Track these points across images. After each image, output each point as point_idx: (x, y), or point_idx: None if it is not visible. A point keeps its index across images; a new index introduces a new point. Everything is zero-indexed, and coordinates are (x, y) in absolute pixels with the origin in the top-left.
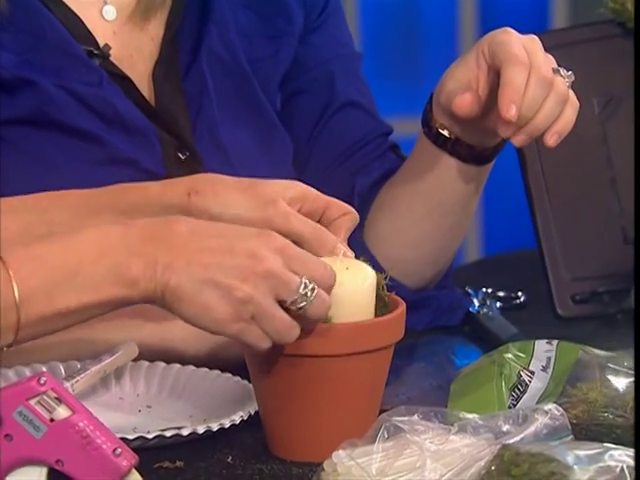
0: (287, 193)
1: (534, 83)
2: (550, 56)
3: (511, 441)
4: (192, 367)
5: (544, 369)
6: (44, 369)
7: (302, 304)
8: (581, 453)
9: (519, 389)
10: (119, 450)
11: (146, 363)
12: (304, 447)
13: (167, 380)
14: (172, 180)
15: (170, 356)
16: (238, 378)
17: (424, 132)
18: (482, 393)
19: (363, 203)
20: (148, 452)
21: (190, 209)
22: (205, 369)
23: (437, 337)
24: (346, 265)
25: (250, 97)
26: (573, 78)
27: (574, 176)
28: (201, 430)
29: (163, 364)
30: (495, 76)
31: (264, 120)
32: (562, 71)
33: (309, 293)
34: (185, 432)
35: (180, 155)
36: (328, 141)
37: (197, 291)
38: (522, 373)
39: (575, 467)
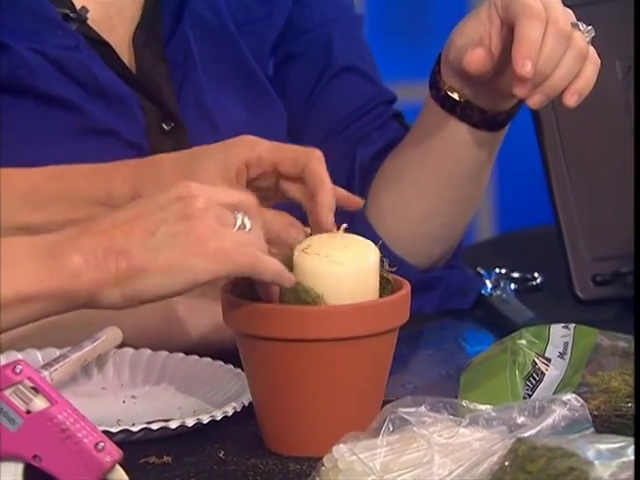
0: (229, 165)
1: (551, 37)
2: (569, 10)
3: (526, 434)
4: (181, 354)
5: (561, 355)
6: (20, 356)
7: (246, 229)
8: (602, 447)
9: (534, 378)
10: (101, 444)
11: (131, 350)
12: (302, 441)
13: (154, 368)
14: (118, 169)
15: (157, 341)
16: (231, 366)
17: (432, 95)
18: (495, 383)
19: (364, 176)
20: (133, 446)
21: None
22: (195, 356)
23: (446, 322)
24: (346, 243)
25: (238, 62)
26: (593, 33)
27: (595, 147)
28: (191, 423)
29: (149, 351)
30: (509, 32)
31: (254, 87)
32: (581, 26)
33: (246, 220)
34: (173, 425)
35: (164, 125)
36: (325, 109)
37: (153, 255)
38: (537, 361)
39: (596, 462)
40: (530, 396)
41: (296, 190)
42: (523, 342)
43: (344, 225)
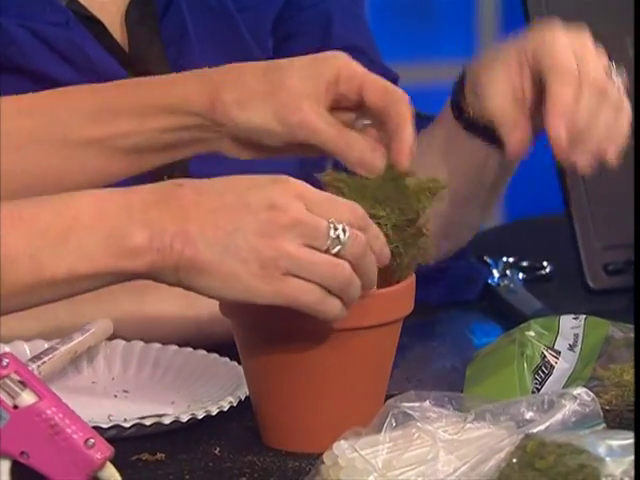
0: (321, 78)
1: (586, 96)
2: (601, 51)
3: (535, 430)
4: (175, 347)
5: (571, 348)
6: (7, 349)
7: (337, 248)
8: (614, 443)
9: (543, 371)
10: (92, 441)
11: (122, 342)
12: (301, 437)
13: (146, 361)
14: (196, 78)
15: (149, 332)
16: (227, 359)
17: (454, 115)
18: (502, 377)
19: None
20: (125, 443)
21: (214, 118)
22: (189, 349)
23: (452, 313)
24: None
25: (236, 41)
26: (624, 74)
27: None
28: (185, 418)
29: (141, 343)
30: (539, 78)
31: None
32: (613, 70)
33: (341, 235)
34: (167, 420)
35: None
36: None
37: (219, 259)
38: (546, 353)
39: (607, 459)
40: (539, 390)
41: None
42: (532, 334)
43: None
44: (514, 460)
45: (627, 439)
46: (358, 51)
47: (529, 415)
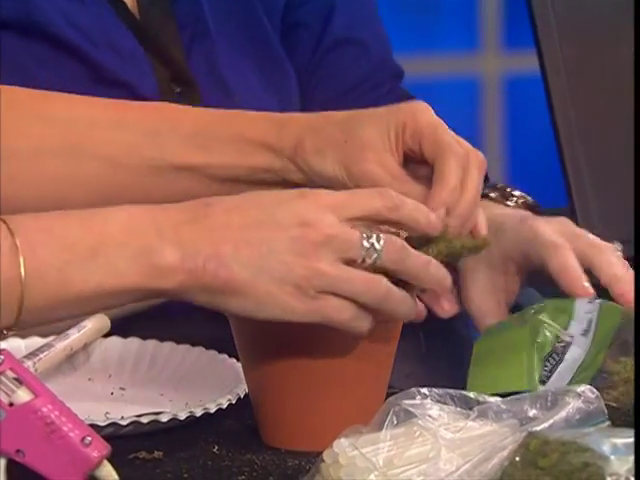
0: (391, 127)
1: (605, 258)
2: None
3: (538, 428)
4: (172, 343)
5: (585, 333)
6: (2, 345)
7: (373, 257)
8: (619, 442)
9: (554, 358)
10: (88, 439)
11: (119, 339)
12: (301, 435)
13: (143, 358)
14: (288, 118)
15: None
16: (225, 356)
17: None
18: (509, 365)
19: None
20: (122, 441)
21: (297, 163)
22: (187, 345)
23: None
24: None
25: (253, 24)
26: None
27: (610, 126)
28: (183, 416)
29: (138, 340)
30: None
31: (267, 51)
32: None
33: (375, 243)
34: (164, 418)
35: (174, 87)
36: (321, 84)
37: (253, 280)
38: (559, 337)
39: (612, 457)
40: (548, 378)
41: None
42: (545, 317)
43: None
44: (517, 458)
45: (632, 437)
46: (355, 44)
47: (532, 413)
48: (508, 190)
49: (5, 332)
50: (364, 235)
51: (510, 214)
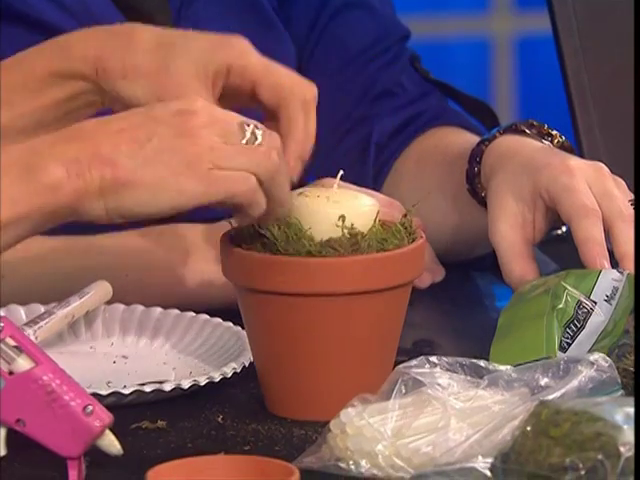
0: (210, 66)
1: (626, 231)
2: (619, 180)
3: (550, 397)
4: (176, 311)
5: (608, 300)
6: (1, 313)
7: (255, 143)
8: (632, 411)
9: (576, 325)
10: (90, 408)
11: (121, 306)
12: (307, 404)
13: (147, 326)
14: (85, 38)
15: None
16: (230, 324)
17: (467, 190)
18: (529, 332)
19: (381, 151)
20: (124, 410)
21: (100, 86)
22: (191, 313)
23: (464, 276)
24: (344, 190)
25: None
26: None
27: (622, 86)
28: (186, 385)
29: (141, 307)
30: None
31: (260, 18)
32: (629, 193)
33: (256, 131)
34: (168, 387)
35: None
36: (326, 54)
37: (141, 169)
38: (581, 304)
39: (625, 427)
40: (569, 345)
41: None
42: (569, 282)
43: (340, 172)
44: (528, 428)
45: None
46: (361, 7)
47: (544, 381)
48: (545, 128)
49: None
50: (244, 123)
51: (545, 150)
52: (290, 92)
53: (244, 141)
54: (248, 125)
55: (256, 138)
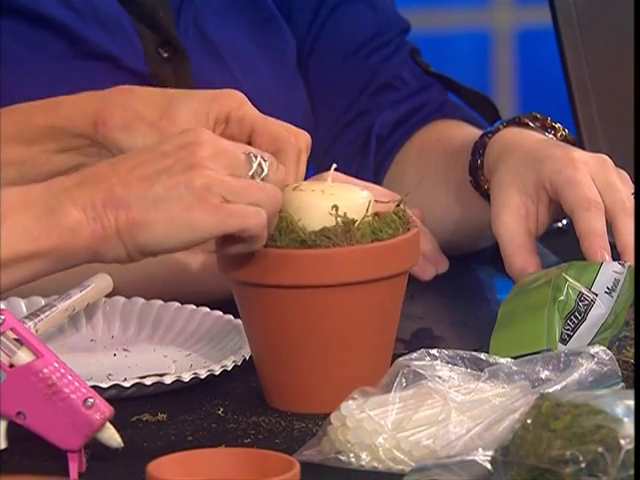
0: (210, 113)
1: (628, 224)
2: (622, 173)
3: (551, 390)
4: (176, 304)
5: (609, 292)
6: (2, 306)
7: (262, 176)
8: (632, 403)
9: (577, 317)
10: (91, 401)
11: (122, 299)
12: (307, 397)
13: (147, 319)
14: (83, 98)
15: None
16: (230, 317)
17: (470, 181)
18: (530, 323)
19: (382, 143)
20: (125, 403)
21: (98, 141)
22: (192, 306)
23: (464, 268)
24: (339, 184)
25: None
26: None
27: (622, 79)
28: (187, 378)
29: (142, 300)
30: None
31: (260, 12)
32: (632, 186)
33: (262, 163)
34: (168, 380)
35: (162, 52)
36: (327, 45)
37: (153, 208)
38: (582, 296)
39: (625, 420)
40: (570, 337)
41: None
42: (569, 274)
43: (334, 166)
44: (529, 421)
45: None
46: (360, 1)
47: (544, 374)
48: (548, 121)
49: None
50: (249, 154)
51: (548, 143)
52: (287, 142)
53: (251, 173)
54: (255, 157)
55: (262, 170)
